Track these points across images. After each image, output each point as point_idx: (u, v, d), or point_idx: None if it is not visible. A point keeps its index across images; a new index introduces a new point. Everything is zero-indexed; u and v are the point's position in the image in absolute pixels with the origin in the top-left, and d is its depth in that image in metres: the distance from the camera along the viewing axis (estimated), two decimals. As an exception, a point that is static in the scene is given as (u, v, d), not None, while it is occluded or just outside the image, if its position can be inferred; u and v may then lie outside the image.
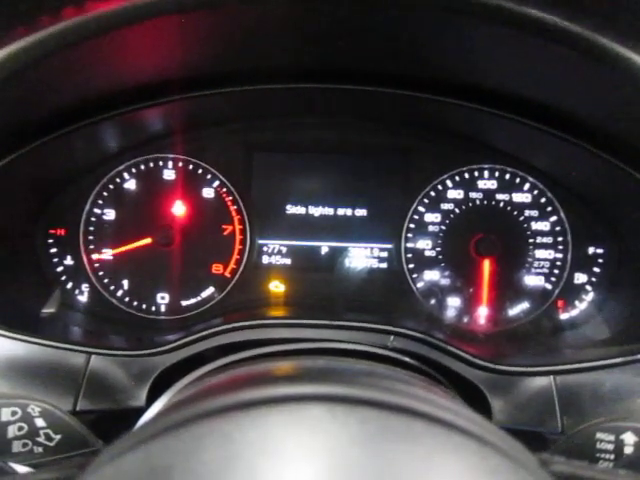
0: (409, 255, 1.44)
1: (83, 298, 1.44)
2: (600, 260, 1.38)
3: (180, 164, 1.44)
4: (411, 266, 1.44)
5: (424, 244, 1.44)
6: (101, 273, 1.44)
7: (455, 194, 1.43)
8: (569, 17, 0.65)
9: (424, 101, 1.16)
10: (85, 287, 1.44)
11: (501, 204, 1.41)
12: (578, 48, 0.67)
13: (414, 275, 1.44)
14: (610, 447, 0.74)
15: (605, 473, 0.53)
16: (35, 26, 0.59)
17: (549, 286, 1.41)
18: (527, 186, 1.41)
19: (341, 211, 1.45)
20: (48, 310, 1.31)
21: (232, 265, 1.45)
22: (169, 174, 1.44)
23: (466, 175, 1.42)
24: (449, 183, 1.43)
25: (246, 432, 0.39)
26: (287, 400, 0.42)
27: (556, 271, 1.41)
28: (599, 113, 1.00)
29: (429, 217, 1.43)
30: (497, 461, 0.40)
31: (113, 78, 1.00)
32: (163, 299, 1.45)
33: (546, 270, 1.41)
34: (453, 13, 0.67)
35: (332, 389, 0.43)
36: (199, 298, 1.45)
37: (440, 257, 1.43)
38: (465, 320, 1.42)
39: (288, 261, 1.46)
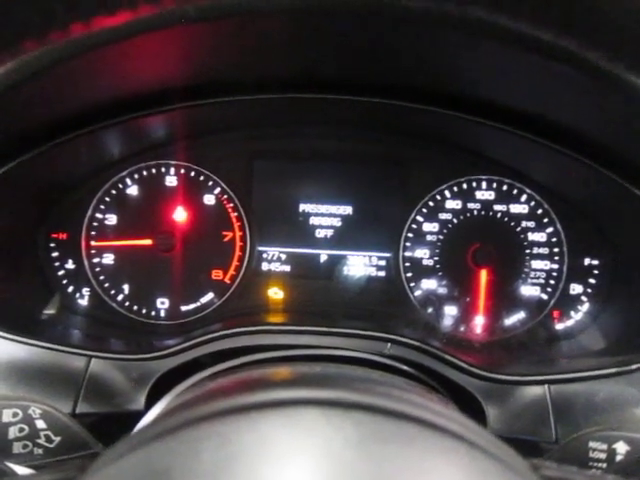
0: (407, 264, 1.45)
1: (84, 302, 1.45)
2: (595, 271, 1.39)
3: (182, 171, 1.45)
4: (409, 275, 1.45)
5: (422, 253, 1.45)
6: (102, 277, 1.45)
7: (453, 204, 1.44)
8: (563, 34, 0.67)
9: (424, 112, 1.17)
10: (86, 291, 1.45)
11: (498, 215, 1.43)
12: (573, 65, 0.69)
13: (411, 284, 1.45)
14: (602, 456, 0.75)
15: (594, 478, 0.54)
16: (44, 39, 0.60)
17: (545, 296, 1.42)
18: (524, 197, 1.42)
19: (340, 219, 1.46)
20: (48, 312, 1.32)
21: (232, 271, 1.46)
22: (171, 180, 1.45)
23: (464, 186, 1.44)
24: (447, 193, 1.44)
25: (243, 435, 0.40)
26: (283, 404, 0.43)
27: (552, 282, 1.42)
28: (597, 128, 1.01)
29: (427, 227, 1.45)
30: (488, 464, 0.41)
31: (116, 87, 1.02)
32: (163, 304, 1.45)
33: (542, 280, 1.42)
34: (450, 28, 0.68)
35: (327, 393, 0.44)
36: (198, 304, 1.46)
37: (437, 266, 1.44)
38: (461, 329, 1.43)
39: (287, 268, 1.47)
